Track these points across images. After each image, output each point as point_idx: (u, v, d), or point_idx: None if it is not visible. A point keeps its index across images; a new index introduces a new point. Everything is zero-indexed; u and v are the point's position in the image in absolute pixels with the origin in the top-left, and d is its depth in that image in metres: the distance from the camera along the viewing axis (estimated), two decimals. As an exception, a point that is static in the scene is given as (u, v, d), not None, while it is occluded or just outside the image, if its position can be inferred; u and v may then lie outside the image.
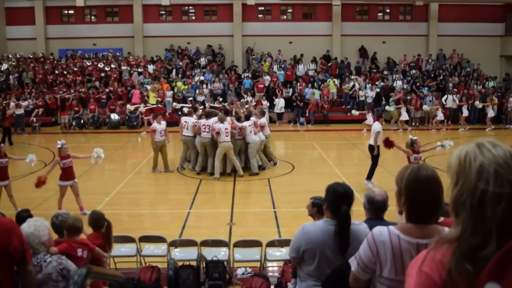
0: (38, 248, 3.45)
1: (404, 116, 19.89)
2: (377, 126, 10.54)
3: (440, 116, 20.11)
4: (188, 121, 12.36)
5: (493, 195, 1.21)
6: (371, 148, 10.63)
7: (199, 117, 12.44)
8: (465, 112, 20.39)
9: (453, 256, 1.27)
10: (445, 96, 21.68)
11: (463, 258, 1.24)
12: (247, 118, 12.28)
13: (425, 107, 20.29)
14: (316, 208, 4.22)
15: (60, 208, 8.73)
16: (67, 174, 8.94)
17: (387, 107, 20.73)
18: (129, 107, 20.34)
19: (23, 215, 5.02)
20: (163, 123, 12.51)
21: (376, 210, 3.27)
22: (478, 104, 20.81)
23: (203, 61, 25.42)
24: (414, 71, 24.33)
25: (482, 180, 1.24)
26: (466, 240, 1.25)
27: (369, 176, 10.58)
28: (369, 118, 19.68)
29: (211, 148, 11.99)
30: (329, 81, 23.21)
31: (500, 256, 1.12)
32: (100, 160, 9.51)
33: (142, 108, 19.51)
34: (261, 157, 12.67)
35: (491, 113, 20.46)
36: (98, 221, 4.87)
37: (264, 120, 13.18)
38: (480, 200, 1.23)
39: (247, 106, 15.85)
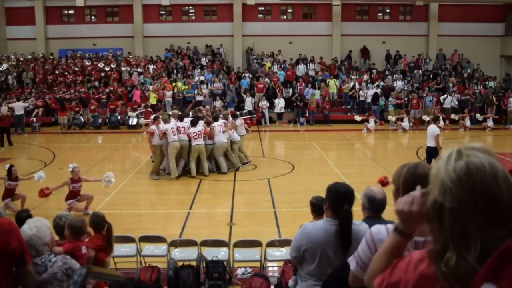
0: (42, 249, 3.43)
1: (406, 126, 19.85)
2: (435, 129, 10.96)
3: (441, 123, 20.05)
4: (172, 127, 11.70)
5: (446, 209, 1.24)
6: (431, 150, 10.90)
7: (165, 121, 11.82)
8: (468, 123, 20.30)
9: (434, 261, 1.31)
10: (445, 95, 21.68)
11: (436, 261, 1.27)
12: (216, 119, 12.41)
13: (424, 117, 20.34)
14: (312, 207, 4.22)
15: (87, 209, 8.97)
16: (74, 195, 9.01)
17: (389, 117, 20.67)
18: (131, 113, 20.45)
19: (23, 215, 5.03)
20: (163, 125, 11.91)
21: (376, 209, 3.27)
22: (479, 117, 20.79)
23: (204, 61, 25.41)
24: (415, 71, 24.31)
25: (440, 193, 1.27)
26: (433, 245, 1.31)
27: None
28: (371, 122, 19.69)
29: (186, 151, 12.00)
30: (329, 81, 23.20)
31: (495, 258, 1.12)
32: (110, 184, 9.46)
33: (142, 109, 19.56)
34: (237, 156, 12.74)
35: (491, 123, 20.40)
36: (99, 223, 4.88)
37: (239, 121, 13.23)
38: (438, 212, 1.27)
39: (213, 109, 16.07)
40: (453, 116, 20.70)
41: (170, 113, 13.01)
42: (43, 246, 3.45)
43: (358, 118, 20.46)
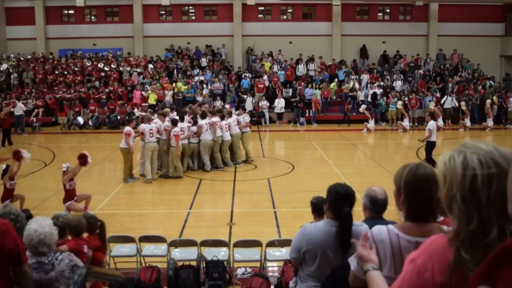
0: (53, 247, 3.44)
1: (406, 125, 19.85)
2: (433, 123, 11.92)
3: (441, 123, 20.11)
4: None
5: (483, 178, 1.26)
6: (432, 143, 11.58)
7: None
8: (468, 123, 20.26)
9: (453, 248, 1.29)
10: (445, 97, 21.64)
11: (461, 248, 1.26)
12: (203, 116, 12.57)
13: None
14: (312, 207, 4.22)
15: (86, 209, 8.88)
16: (71, 195, 8.91)
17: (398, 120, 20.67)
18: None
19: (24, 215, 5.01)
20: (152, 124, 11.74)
21: (378, 209, 3.27)
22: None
23: (204, 61, 25.36)
24: (415, 71, 24.30)
25: (468, 168, 1.29)
26: (462, 230, 1.29)
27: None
28: (371, 123, 19.71)
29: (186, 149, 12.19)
30: (332, 84, 23.10)
31: (491, 259, 1.12)
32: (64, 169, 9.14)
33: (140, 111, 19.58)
34: (224, 157, 12.91)
35: (491, 123, 20.35)
36: (93, 224, 4.88)
37: (231, 120, 13.19)
38: (471, 187, 1.28)
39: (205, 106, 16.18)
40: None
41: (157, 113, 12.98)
42: (54, 244, 3.46)
43: (363, 108, 20.28)
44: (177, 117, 12.29)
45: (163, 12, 27.22)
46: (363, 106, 20.48)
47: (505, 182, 1.19)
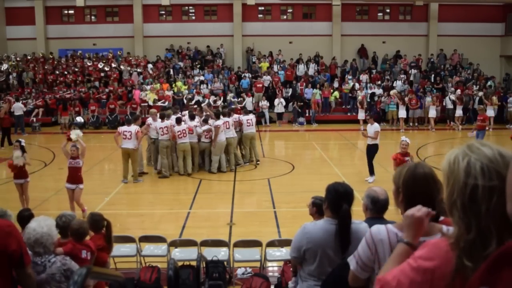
0: (50, 248, 3.41)
1: (402, 114, 19.86)
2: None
3: (432, 113, 20.04)
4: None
5: (483, 189, 1.24)
6: (376, 146, 11.29)
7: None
8: (458, 112, 20.28)
9: (455, 255, 1.29)
10: (446, 96, 21.65)
11: (462, 255, 1.25)
12: (218, 117, 12.44)
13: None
14: (316, 208, 4.23)
15: (84, 210, 8.81)
16: (69, 176, 8.83)
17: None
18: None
19: (25, 214, 5.00)
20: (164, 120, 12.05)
21: (379, 210, 3.27)
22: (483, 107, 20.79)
23: (216, 59, 25.31)
24: (414, 71, 24.30)
25: (470, 176, 1.27)
26: (461, 238, 1.28)
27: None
28: (361, 113, 19.77)
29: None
30: (335, 94, 23.07)
31: (491, 261, 1.12)
32: (78, 135, 9.26)
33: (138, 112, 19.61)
34: (236, 155, 12.96)
35: (490, 112, 20.33)
36: (98, 222, 4.86)
37: (247, 117, 13.34)
38: (471, 196, 1.26)
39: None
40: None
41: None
42: (52, 245, 3.44)
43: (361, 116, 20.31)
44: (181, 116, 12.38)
45: (163, 12, 27.22)
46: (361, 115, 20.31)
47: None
